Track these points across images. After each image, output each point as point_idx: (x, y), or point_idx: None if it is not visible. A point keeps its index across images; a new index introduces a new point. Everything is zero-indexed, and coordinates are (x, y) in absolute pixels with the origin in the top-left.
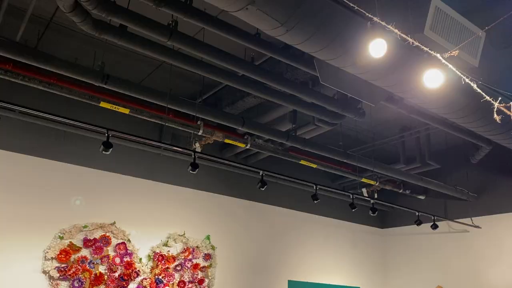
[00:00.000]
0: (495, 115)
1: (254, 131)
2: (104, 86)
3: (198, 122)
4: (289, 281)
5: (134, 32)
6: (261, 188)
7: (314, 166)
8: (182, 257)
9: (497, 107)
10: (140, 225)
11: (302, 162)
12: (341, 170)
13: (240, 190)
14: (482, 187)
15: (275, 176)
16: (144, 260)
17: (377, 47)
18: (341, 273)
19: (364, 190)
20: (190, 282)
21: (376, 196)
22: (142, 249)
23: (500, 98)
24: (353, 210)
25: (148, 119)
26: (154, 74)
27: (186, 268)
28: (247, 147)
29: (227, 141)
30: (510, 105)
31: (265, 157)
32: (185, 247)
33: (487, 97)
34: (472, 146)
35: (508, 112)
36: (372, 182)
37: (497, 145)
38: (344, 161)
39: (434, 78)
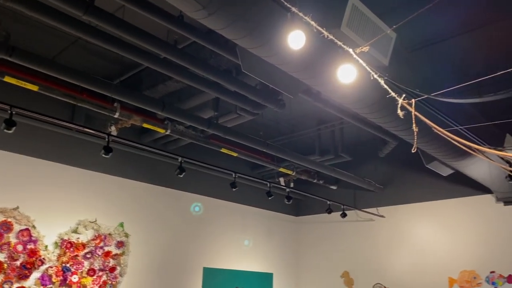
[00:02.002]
0: (399, 111)
1: (174, 117)
2: (9, 58)
3: (115, 104)
4: (204, 268)
5: (45, 3)
6: (179, 175)
7: (235, 154)
8: (93, 245)
9: (401, 104)
10: (47, 211)
11: (223, 150)
12: (261, 159)
13: (157, 177)
14: (388, 179)
15: (194, 163)
16: (51, 248)
17: (296, 39)
18: (257, 260)
19: (281, 179)
20: (100, 270)
21: (292, 185)
22: (49, 236)
23: (404, 95)
24: (270, 198)
25: (60, 98)
26: (68, 50)
27: (97, 255)
28: (167, 133)
29: (145, 125)
30: (412, 101)
31: (186, 144)
32: (96, 234)
33: (392, 93)
34: (381, 141)
35: (410, 108)
36: (289, 172)
37: (402, 141)
38: (264, 150)
39: (347, 74)
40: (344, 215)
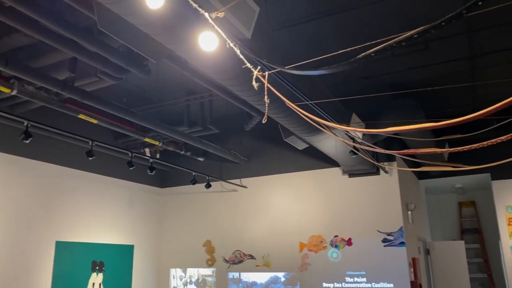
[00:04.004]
0: (254, 82)
1: (22, 75)
2: None
3: None
4: (57, 242)
5: None
6: (24, 141)
7: (95, 121)
8: None
9: (256, 76)
10: None
11: (81, 116)
12: (124, 128)
13: (0, 142)
14: (252, 152)
15: (46, 129)
16: None
17: None
18: (117, 232)
19: (147, 150)
20: None
21: (158, 156)
22: None
23: (259, 67)
24: (131, 168)
25: None
26: None
27: None
28: (14, 93)
29: None
30: (266, 74)
31: (38, 107)
32: None
33: (248, 64)
34: (247, 115)
35: (264, 80)
36: (155, 142)
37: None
38: (127, 118)
39: (208, 41)
40: (208, 185)
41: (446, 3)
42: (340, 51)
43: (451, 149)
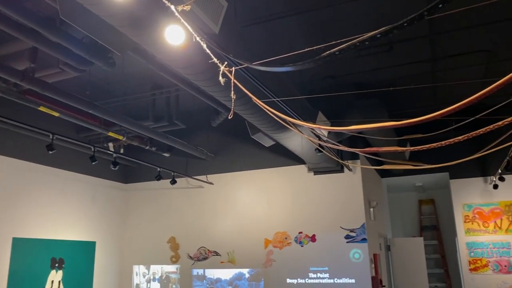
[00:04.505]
0: (220, 78)
1: None
2: None
3: None
4: (14, 238)
5: None
6: None
7: (56, 114)
8: None
9: (223, 71)
10: None
11: (42, 108)
12: (87, 121)
13: None
14: (219, 148)
15: (4, 121)
16: None
17: None
18: (78, 228)
19: (110, 144)
20: None
21: (122, 151)
22: None
23: (226, 63)
24: (93, 163)
25: None
26: None
27: None
28: None
29: None
30: (232, 69)
31: None
32: None
33: (215, 59)
34: (214, 111)
35: (230, 76)
36: (119, 137)
37: (233, 112)
38: (90, 112)
39: (175, 35)
40: (173, 182)
41: (413, 4)
42: (306, 49)
43: (411, 148)
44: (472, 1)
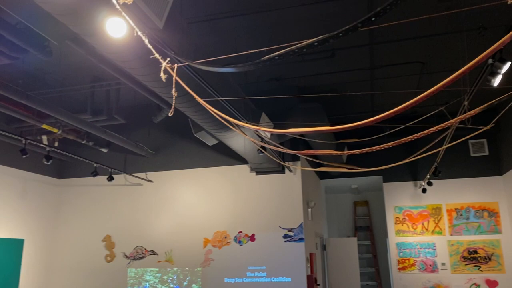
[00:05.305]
0: (162, 74)
1: None
2: None
3: None
4: None
5: None
6: None
7: None
8: None
9: (165, 68)
10: None
11: None
12: (19, 112)
13: None
14: (160, 145)
15: None
16: None
17: None
18: (5, 224)
19: (44, 137)
20: None
21: (56, 145)
22: None
23: (168, 59)
24: (24, 156)
25: None
26: None
27: None
28: None
29: None
30: (175, 66)
31: None
32: None
33: (156, 55)
34: (156, 107)
35: (172, 73)
36: (54, 130)
37: (176, 109)
38: (23, 102)
39: (117, 27)
40: (111, 178)
41: (357, 13)
42: (250, 51)
43: (346, 152)
44: (410, 14)
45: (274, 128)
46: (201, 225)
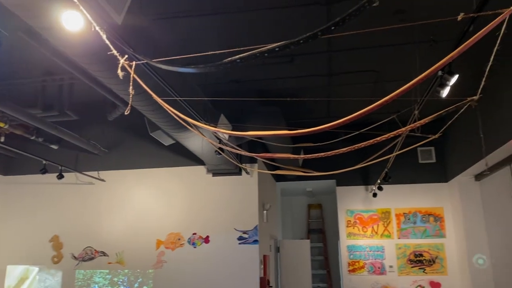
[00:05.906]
0: (119, 71)
1: None
2: None
3: None
4: None
5: None
6: None
7: None
8: None
9: (122, 65)
10: None
11: None
12: None
13: None
14: (114, 143)
15: None
16: None
17: None
18: None
19: None
20: None
21: (3, 140)
22: None
23: (126, 56)
24: None
25: None
26: None
27: None
28: None
29: None
30: (133, 64)
31: None
32: None
33: (114, 51)
34: (111, 104)
35: (130, 70)
36: (1, 124)
37: (132, 107)
38: None
39: (73, 21)
40: (60, 176)
41: (318, 20)
42: (210, 52)
43: (301, 156)
44: (366, 25)
45: (232, 130)
46: (155, 226)
